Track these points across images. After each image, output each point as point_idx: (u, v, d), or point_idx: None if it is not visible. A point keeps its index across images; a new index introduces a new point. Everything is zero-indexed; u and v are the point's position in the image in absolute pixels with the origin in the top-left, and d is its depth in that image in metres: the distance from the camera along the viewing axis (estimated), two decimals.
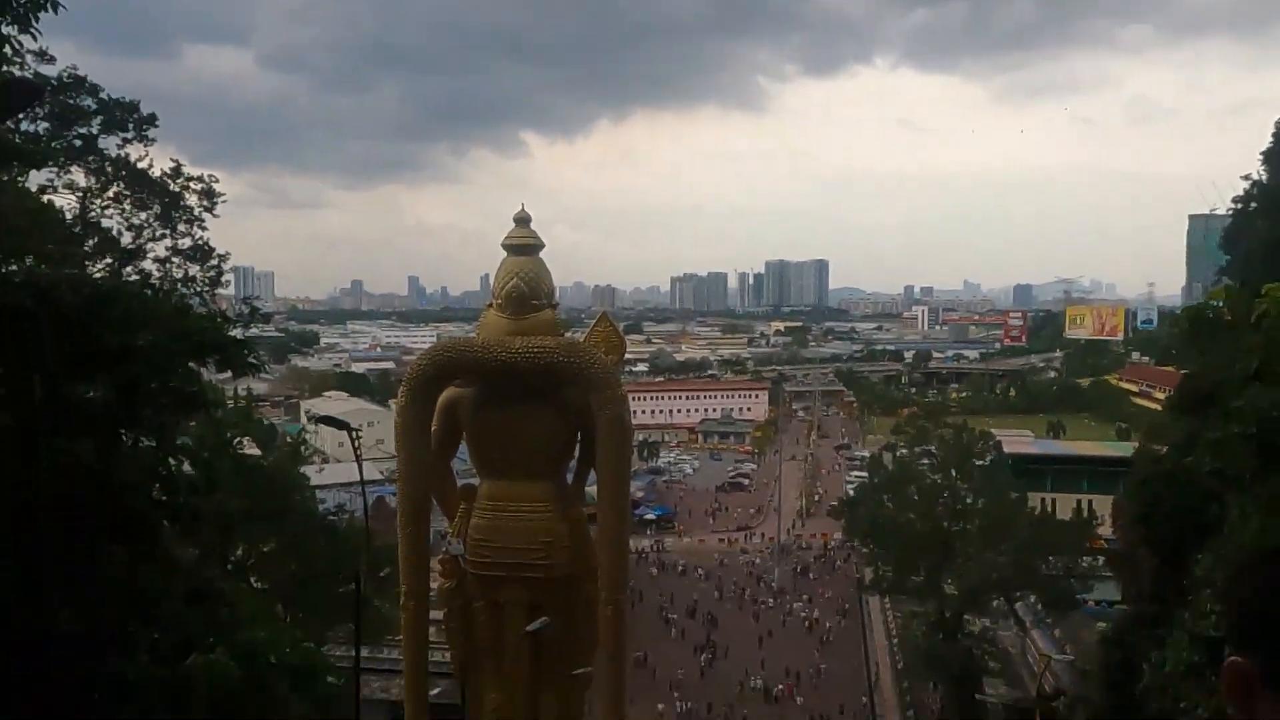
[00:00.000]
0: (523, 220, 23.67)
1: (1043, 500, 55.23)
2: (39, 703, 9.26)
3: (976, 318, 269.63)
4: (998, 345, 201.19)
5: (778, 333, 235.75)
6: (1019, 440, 74.87)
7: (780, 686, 45.76)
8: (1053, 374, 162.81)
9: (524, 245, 23.66)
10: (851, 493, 55.34)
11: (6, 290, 9.14)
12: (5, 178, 12.47)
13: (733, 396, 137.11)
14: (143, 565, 11.61)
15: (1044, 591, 40.61)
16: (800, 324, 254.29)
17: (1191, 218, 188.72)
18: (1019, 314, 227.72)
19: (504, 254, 23.32)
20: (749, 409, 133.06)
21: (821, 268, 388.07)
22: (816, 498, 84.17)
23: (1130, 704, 27.67)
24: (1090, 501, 57.37)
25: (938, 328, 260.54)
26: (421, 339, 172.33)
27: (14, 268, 10.57)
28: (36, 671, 9.26)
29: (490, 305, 23.82)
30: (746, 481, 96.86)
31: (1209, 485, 21.38)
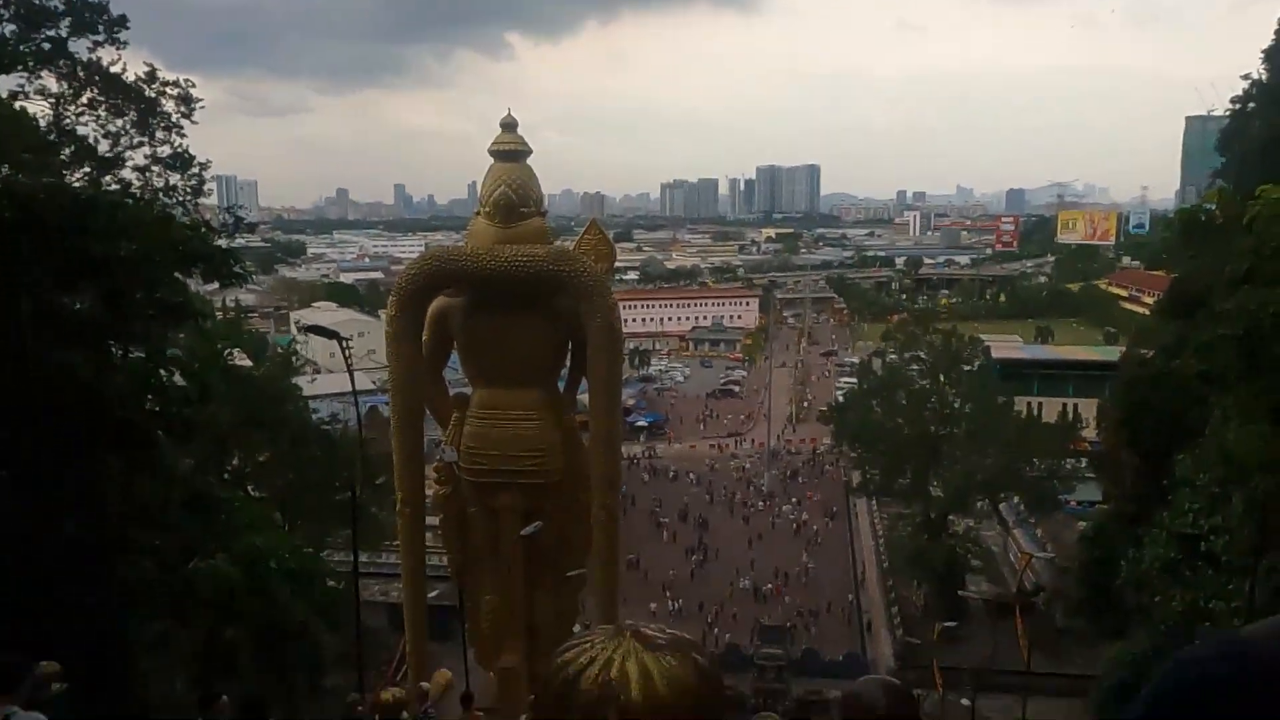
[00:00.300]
0: (509, 125, 23.14)
1: (1029, 404, 56.01)
2: (49, 607, 9.49)
3: (969, 223, 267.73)
4: (989, 250, 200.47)
5: (769, 239, 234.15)
6: (1007, 345, 75.42)
7: (769, 586, 47.14)
8: (1043, 279, 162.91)
9: (511, 151, 23.15)
10: (841, 399, 55.97)
11: None
12: None
13: (724, 304, 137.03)
14: (140, 474, 11.75)
15: (1027, 493, 41.55)
16: (791, 230, 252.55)
17: (1188, 119, 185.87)
18: (1011, 219, 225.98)
19: (491, 160, 22.82)
20: (740, 316, 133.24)
21: (813, 173, 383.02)
22: (806, 404, 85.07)
23: (1107, 598, 28.69)
24: (1076, 405, 58.17)
25: (930, 233, 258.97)
26: (409, 248, 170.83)
27: None
28: (45, 576, 9.46)
29: (478, 213, 23.44)
30: (737, 388, 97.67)
31: (1194, 388, 21.71)
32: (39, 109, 16.53)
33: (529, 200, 22.79)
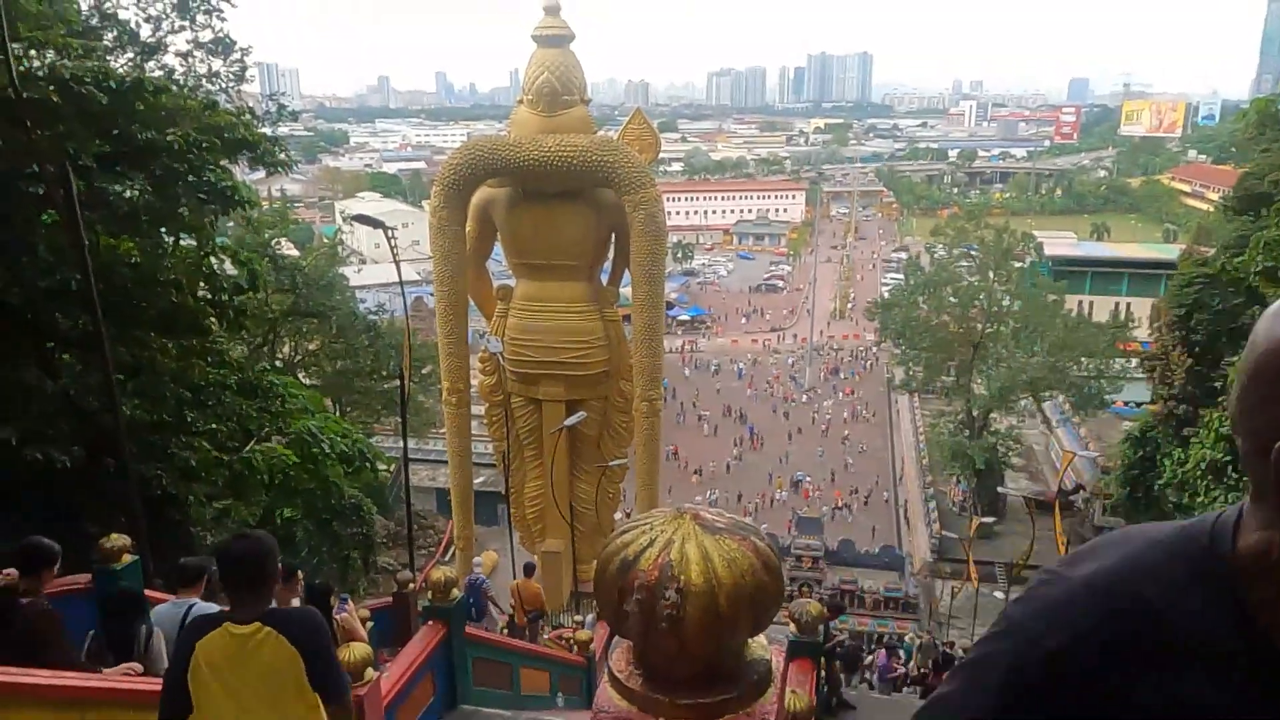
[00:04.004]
0: (552, 9, 22.41)
1: (1080, 303, 54.85)
2: (114, 485, 9.92)
3: (1027, 114, 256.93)
4: (1048, 143, 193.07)
5: (817, 130, 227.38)
6: (1061, 242, 73.39)
7: (808, 478, 47.80)
8: (1103, 173, 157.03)
9: (554, 35, 22.51)
10: (886, 295, 55.20)
11: (32, 84, 8.97)
12: None
13: (769, 197, 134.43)
14: (195, 360, 12.06)
15: (1073, 392, 41.10)
16: (841, 121, 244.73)
17: (1271, 1, 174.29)
18: (1072, 109, 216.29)
19: (534, 47, 22.19)
20: (785, 210, 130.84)
21: (865, 61, 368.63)
22: (851, 299, 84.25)
23: (1147, 498, 28.65)
24: (1129, 304, 56.89)
25: (986, 124, 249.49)
26: (452, 138, 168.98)
27: (36, 63, 10.34)
28: (109, 453, 9.86)
29: (521, 101, 23.00)
30: (781, 283, 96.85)
31: (1253, 287, 21.03)
32: None
33: (572, 88, 22.32)
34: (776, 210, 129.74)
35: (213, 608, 6.09)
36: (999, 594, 30.20)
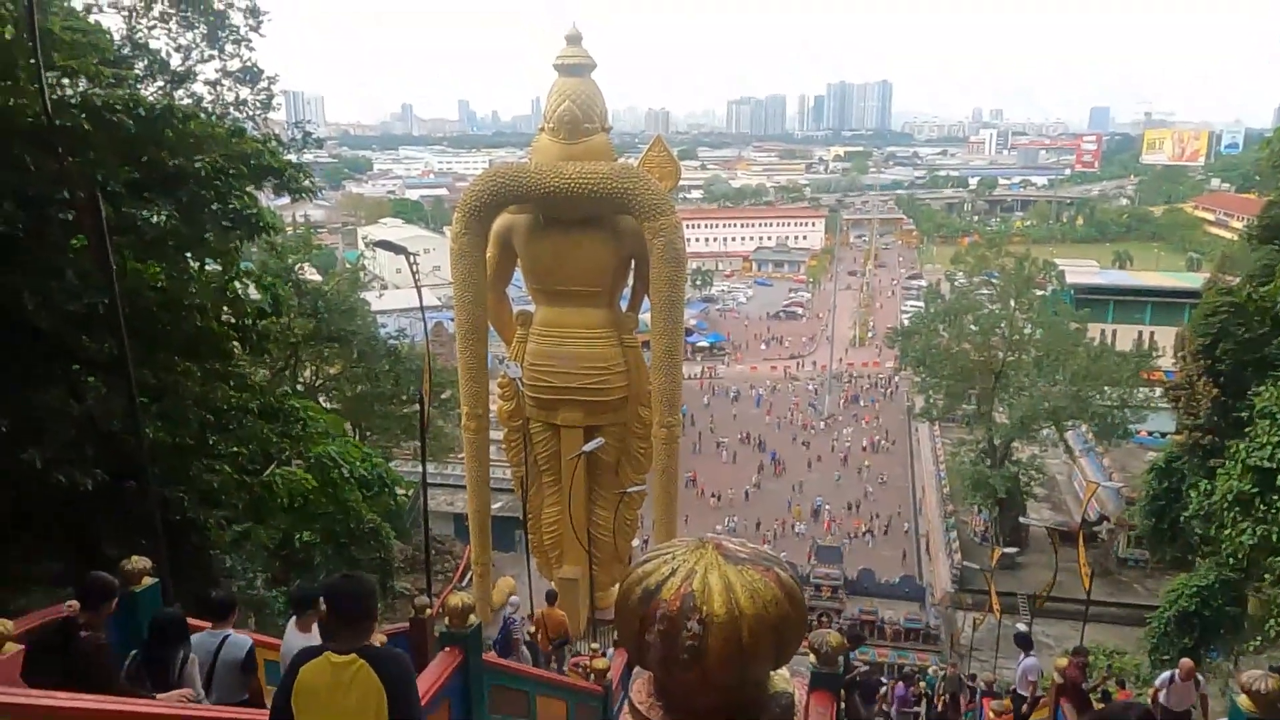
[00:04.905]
0: (574, 39, 22.64)
1: (1103, 331, 54.40)
2: (133, 507, 9.98)
3: (1048, 142, 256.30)
4: (1068, 171, 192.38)
5: (837, 158, 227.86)
6: (1083, 270, 72.96)
7: (827, 506, 47.41)
8: (1125, 202, 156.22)
9: (576, 65, 22.71)
10: (907, 322, 54.94)
11: (64, 111, 9.15)
12: None
13: (789, 224, 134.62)
14: (218, 383, 12.16)
15: (1096, 421, 40.64)
16: (861, 149, 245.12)
17: None
18: (1093, 138, 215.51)
19: (555, 75, 22.41)
20: (805, 237, 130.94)
21: (885, 89, 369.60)
22: (870, 327, 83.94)
23: (1172, 530, 28.21)
24: (1152, 333, 56.36)
25: (1006, 152, 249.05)
26: (473, 165, 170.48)
27: (69, 91, 10.54)
28: (132, 474, 9.93)
29: (542, 129, 23.19)
30: (800, 310, 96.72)
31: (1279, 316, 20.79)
32: (113, 22, 16.73)
33: (593, 116, 22.49)
34: (796, 237, 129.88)
35: (247, 640, 6.24)
36: (1021, 625, 29.75)
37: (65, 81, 10.66)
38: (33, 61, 8.10)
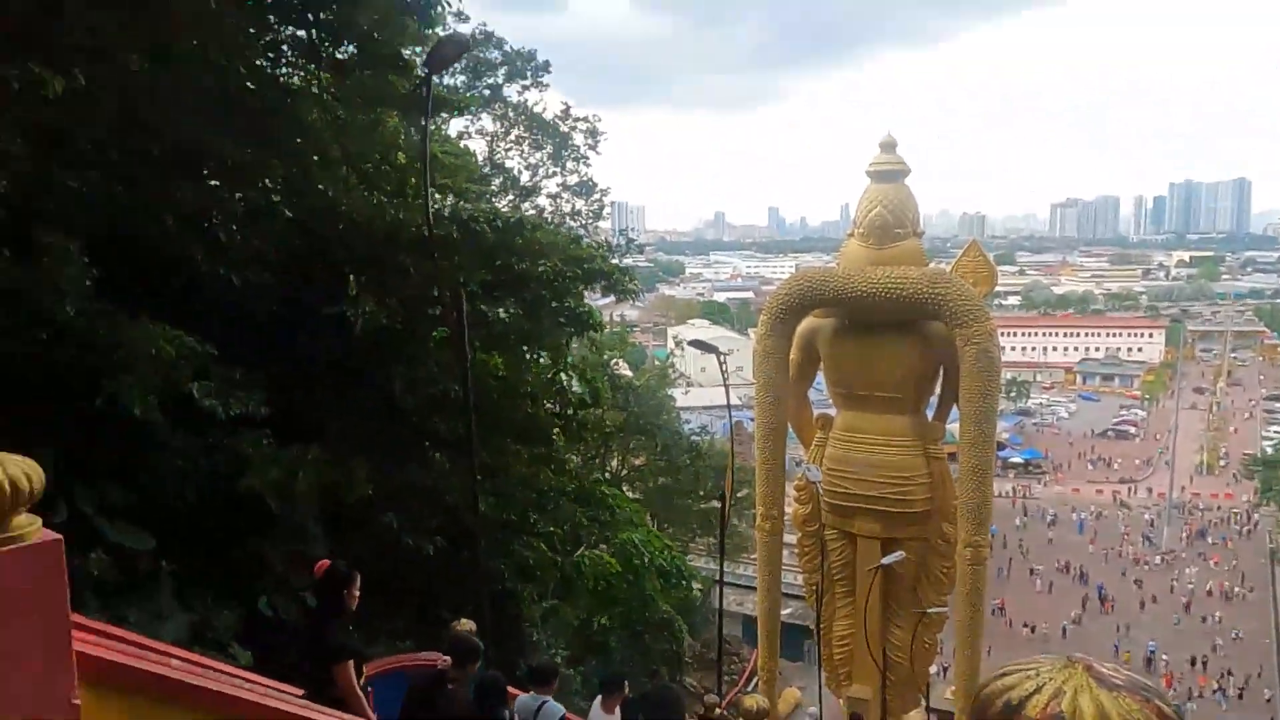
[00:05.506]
0: (888, 145, 22.71)
1: None
2: (465, 574, 11.02)
3: None
4: None
5: (1181, 264, 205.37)
6: None
7: (1164, 657, 41.28)
8: None
9: (889, 171, 22.70)
10: (1270, 449, 47.45)
11: (440, 223, 10.71)
12: (435, 126, 14.48)
13: (1120, 335, 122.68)
14: (541, 466, 13.25)
15: None
16: (1211, 253, 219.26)
17: None
18: None
19: (867, 181, 22.57)
20: (1139, 349, 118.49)
21: (1241, 187, 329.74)
22: (1222, 453, 73.46)
23: None
24: None
25: None
26: (780, 269, 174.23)
27: (444, 205, 12.32)
28: (465, 547, 11.02)
29: (852, 234, 23.31)
30: (1133, 430, 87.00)
31: None
32: (478, 146, 19.45)
33: (904, 221, 22.18)
34: (1129, 349, 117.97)
35: (560, 709, 6.71)
36: None
37: (437, 197, 12.50)
38: (416, 181, 9.59)
